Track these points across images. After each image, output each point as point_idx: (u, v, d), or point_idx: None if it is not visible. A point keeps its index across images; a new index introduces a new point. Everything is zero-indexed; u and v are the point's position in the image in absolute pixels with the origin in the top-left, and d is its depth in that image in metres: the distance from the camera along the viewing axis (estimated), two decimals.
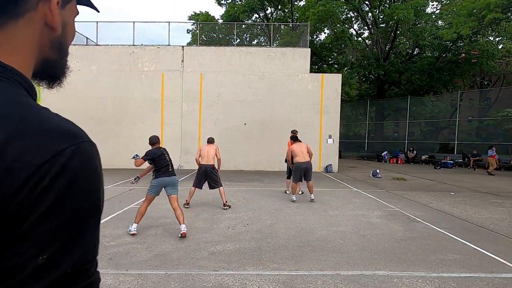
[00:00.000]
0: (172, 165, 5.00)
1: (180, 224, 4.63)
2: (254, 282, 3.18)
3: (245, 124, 14.19)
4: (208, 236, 4.63)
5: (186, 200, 6.66)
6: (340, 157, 17.09)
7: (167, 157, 4.96)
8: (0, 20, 0.49)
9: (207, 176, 6.56)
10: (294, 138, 7.51)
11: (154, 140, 5.07)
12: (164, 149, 5.06)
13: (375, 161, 20.81)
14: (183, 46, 14.64)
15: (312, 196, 7.31)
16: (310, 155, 7.33)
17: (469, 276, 3.41)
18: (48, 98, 13.65)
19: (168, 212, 6.09)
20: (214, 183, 6.55)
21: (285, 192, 8.36)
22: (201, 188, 6.73)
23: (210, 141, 6.85)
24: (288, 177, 8.15)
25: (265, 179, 11.19)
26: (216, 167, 6.67)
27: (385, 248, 4.23)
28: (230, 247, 4.19)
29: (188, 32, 30.79)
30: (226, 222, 5.39)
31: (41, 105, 0.49)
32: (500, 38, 23.35)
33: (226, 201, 6.56)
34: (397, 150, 20.94)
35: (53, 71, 0.62)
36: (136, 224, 4.75)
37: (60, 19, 0.55)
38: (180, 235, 4.54)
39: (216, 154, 6.66)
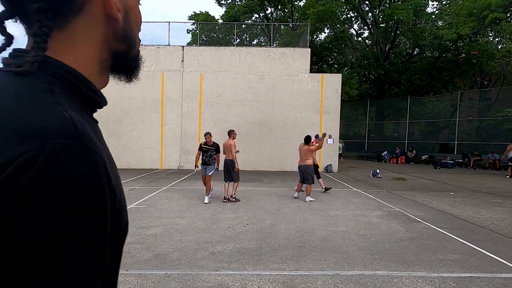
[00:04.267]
0: (208, 157, 7.01)
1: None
2: (254, 282, 3.18)
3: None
4: (208, 236, 4.63)
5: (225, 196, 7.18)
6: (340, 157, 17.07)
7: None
8: (60, 20, 0.46)
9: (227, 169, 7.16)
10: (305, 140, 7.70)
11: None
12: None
13: (375, 161, 20.80)
14: (183, 46, 14.64)
15: (307, 199, 7.32)
16: (309, 155, 7.48)
17: (469, 276, 3.41)
18: None
19: (168, 212, 6.09)
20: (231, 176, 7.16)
21: (325, 191, 8.52)
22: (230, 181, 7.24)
23: (228, 134, 7.46)
24: (318, 177, 8.57)
25: (265, 179, 11.19)
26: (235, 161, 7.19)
27: (385, 248, 4.23)
28: (230, 247, 4.19)
29: (188, 32, 30.78)
30: (226, 222, 5.39)
31: None
32: (499, 38, 23.34)
33: (231, 196, 7.18)
34: (395, 149, 20.93)
35: (125, 64, 0.57)
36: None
37: (120, 6, 0.51)
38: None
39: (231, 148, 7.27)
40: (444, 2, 25.78)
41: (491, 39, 23.38)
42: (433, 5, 26.00)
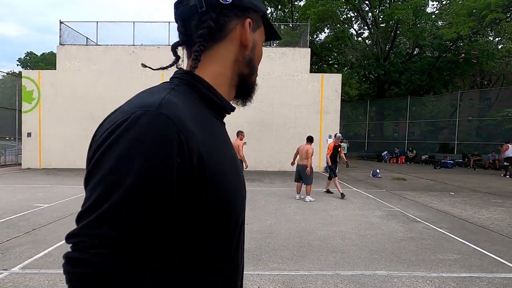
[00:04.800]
0: None
1: None
2: (254, 282, 3.18)
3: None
4: None
5: None
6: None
7: None
8: (210, 44, 0.64)
9: None
10: (307, 139, 7.70)
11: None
12: None
13: (375, 161, 20.80)
14: (183, 46, 14.62)
15: (306, 199, 7.35)
16: (308, 157, 7.43)
17: (469, 276, 3.41)
18: (48, 98, 13.64)
19: None
20: None
21: (326, 192, 8.50)
22: None
23: (236, 134, 7.51)
24: (329, 178, 8.42)
25: (265, 179, 11.19)
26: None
27: (385, 248, 4.23)
28: None
29: None
30: None
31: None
32: (499, 38, 23.32)
33: None
34: (395, 149, 20.90)
35: (245, 86, 0.73)
36: None
37: (251, 38, 0.67)
38: None
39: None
40: (444, 2, 25.77)
41: (491, 39, 23.36)
42: (433, 5, 26.01)
